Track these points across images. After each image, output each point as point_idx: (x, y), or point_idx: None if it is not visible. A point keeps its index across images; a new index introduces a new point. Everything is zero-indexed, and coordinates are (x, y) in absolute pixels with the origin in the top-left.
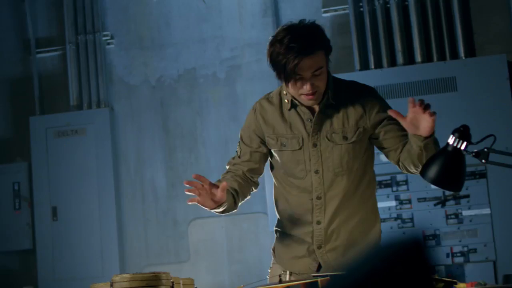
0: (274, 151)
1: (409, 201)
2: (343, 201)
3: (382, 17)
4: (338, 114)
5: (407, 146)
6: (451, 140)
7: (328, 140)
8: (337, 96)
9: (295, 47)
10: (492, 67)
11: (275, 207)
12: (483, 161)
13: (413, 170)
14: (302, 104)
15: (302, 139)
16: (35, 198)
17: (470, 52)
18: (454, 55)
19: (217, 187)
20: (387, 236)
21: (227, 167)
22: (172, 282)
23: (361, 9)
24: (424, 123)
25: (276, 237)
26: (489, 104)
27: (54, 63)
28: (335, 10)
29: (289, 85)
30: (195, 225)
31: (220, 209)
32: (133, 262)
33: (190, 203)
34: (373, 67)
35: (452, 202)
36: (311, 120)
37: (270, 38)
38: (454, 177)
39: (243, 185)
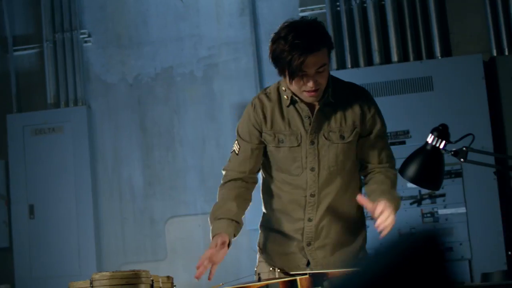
0: (270, 147)
1: None
2: (335, 200)
3: (359, 17)
4: (336, 113)
5: (372, 197)
6: (430, 139)
7: (326, 138)
8: (337, 95)
9: (300, 44)
10: (468, 66)
11: (263, 203)
12: (462, 160)
13: None
14: (301, 101)
15: (301, 136)
16: (12, 196)
17: (446, 51)
18: (431, 55)
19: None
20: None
21: (224, 173)
22: (152, 280)
23: (338, 8)
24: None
25: (262, 234)
26: (465, 104)
27: (32, 61)
28: (312, 9)
29: (293, 82)
30: (172, 224)
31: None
32: (110, 261)
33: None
34: (350, 66)
35: (428, 201)
36: (309, 117)
37: (272, 35)
38: (432, 175)
39: (242, 196)
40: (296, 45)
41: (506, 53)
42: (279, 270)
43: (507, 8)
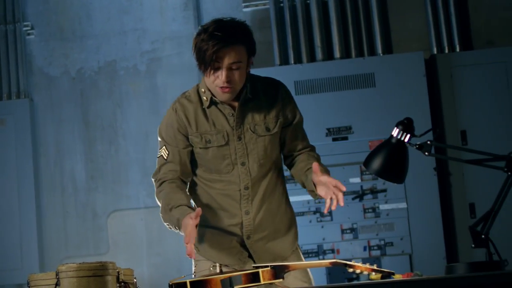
0: (198, 149)
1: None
2: (268, 191)
3: (302, 13)
4: (258, 107)
5: (301, 168)
6: (395, 132)
7: (252, 132)
8: (256, 90)
9: (218, 35)
10: (409, 64)
11: (194, 204)
12: (426, 153)
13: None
14: (221, 102)
15: (227, 134)
16: None
17: (388, 49)
18: (372, 52)
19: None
20: None
21: (154, 179)
22: (118, 272)
23: (282, 4)
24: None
25: (197, 233)
26: (406, 100)
27: None
28: (256, 5)
29: (207, 74)
30: (115, 218)
31: None
32: (53, 254)
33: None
34: (293, 62)
35: (369, 196)
36: (233, 114)
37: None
38: (397, 169)
39: (184, 190)
40: (214, 36)
41: (446, 51)
42: (220, 266)
43: (447, 7)
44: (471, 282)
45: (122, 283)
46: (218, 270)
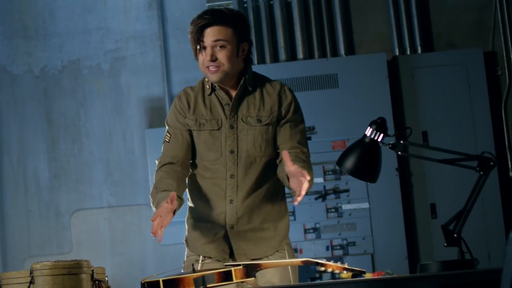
0: (193, 131)
1: (291, 195)
2: (256, 184)
3: (265, 14)
4: (255, 100)
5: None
6: (368, 131)
7: (244, 122)
8: (255, 83)
9: (205, 16)
10: (372, 65)
11: (189, 198)
12: (399, 153)
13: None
14: (220, 88)
15: (221, 121)
16: None
17: (350, 50)
18: (335, 53)
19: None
20: None
21: (157, 161)
22: (92, 270)
23: (245, 5)
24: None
25: (188, 228)
26: (369, 101)
27: None
28: (219, 6)
29: (197, 56)
30: (78, 217)
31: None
32: (15, 253)
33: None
34: (256, 62)
35: (332, 196)
36: (229, 104)
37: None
38: (370, 168)
39: (179, 178)
40: (203, 17)
41: (408, 52)
42: (202, 259)
43: (409, 9)
44: (444, 281)
45: (96, 282)
46: (199, 264)
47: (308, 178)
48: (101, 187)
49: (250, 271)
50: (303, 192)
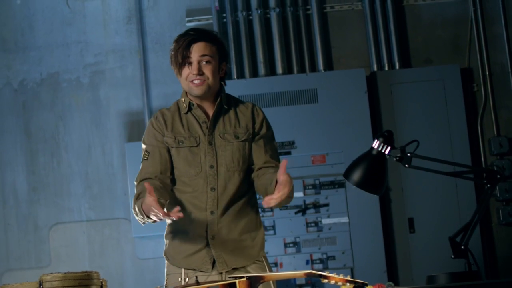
0: (171, 149)
1: (271, 209)
2: (235, 197)
3: (245, 29)
4: (230, 118)
5: (269, 178)
6: (375, 144)
7: (222, 138)
8: (230, 103)
9: (190, 33)
10: (351, 80)
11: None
12: (407, 165)
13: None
14: (197, 107)
15: (199, 138)
16: None
17: (329, 65)
18: (313, 68)
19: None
20: None
21: (136, 183)
22: (102, 282)
23: (225, 20)
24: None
25: (168, 242)
26: (348, 116)
27: None
28: (199, 20)
29: (182, 72)
30: (57, 230)
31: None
32: None
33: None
34: (235, 77)
35: (312, 210)
36: (206, 122)
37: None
38: (377, 180)
39: (161, 188)
40: (189, 34)
41: (386, 68)
42: (185, 270)
43: (387, 26)
44: None
45: None
46: (183, 273)
47: (287, 188)
48: (80, 201)
49: (254, 283)
50: (280, 195)
